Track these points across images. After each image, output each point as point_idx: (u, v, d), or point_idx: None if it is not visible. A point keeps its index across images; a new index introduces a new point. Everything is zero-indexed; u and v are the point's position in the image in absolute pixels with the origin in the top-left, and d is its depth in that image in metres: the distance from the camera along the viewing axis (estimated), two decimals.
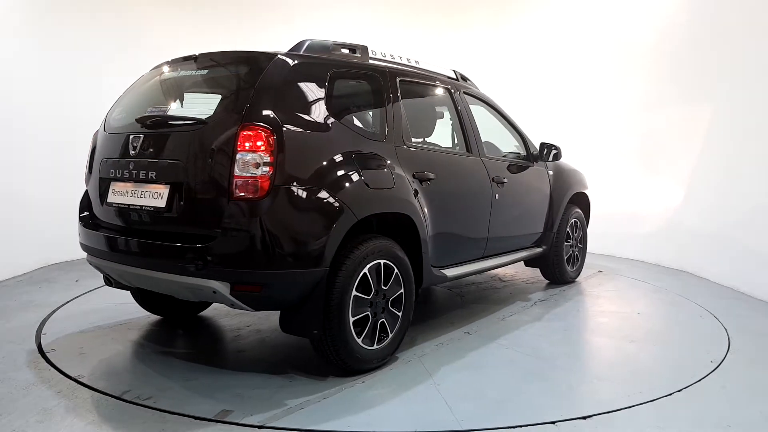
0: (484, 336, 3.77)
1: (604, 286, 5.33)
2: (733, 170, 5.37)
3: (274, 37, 6.99)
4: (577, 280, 5.45)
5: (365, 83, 3.46)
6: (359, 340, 3.00)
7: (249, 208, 2.64)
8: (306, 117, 2.92)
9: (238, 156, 2.64)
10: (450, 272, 3.73)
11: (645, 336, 3.89)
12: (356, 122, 3.34)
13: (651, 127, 6.51)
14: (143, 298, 3.90)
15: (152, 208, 2.90)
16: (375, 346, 3.10)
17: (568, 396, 2.91)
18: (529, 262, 5.10)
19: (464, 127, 4.04)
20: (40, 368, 3.13)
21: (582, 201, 5.49)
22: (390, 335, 3.19)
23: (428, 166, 3.52)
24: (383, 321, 3.15)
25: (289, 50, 3.17)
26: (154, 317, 4.09)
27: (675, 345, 3.76)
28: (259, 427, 2.49)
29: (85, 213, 3.41)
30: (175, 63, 3.36)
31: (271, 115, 2.74)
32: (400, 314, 3.25)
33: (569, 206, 5.16)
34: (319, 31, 7.51)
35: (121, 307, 4.27)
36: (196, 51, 3.25)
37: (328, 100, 3.06)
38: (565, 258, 5.15)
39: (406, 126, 3.52)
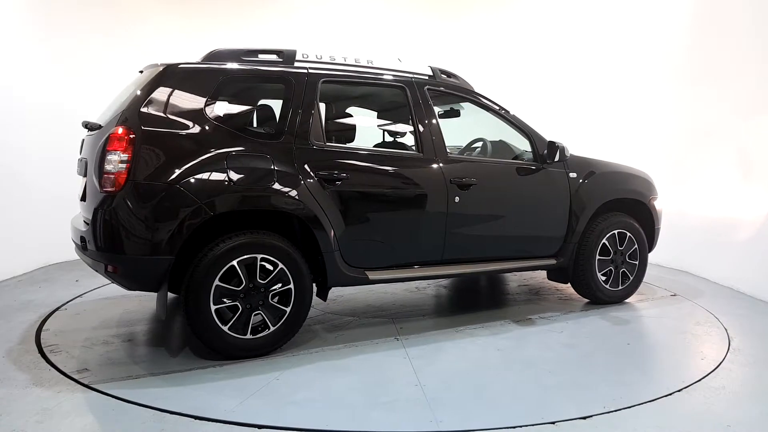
0: (406, 344, 3.59)
1: (649, 311, 4.43)
2: None
3: (275, 35, 7.04)
4: (627, 301, 4.64)
5: (271, 86, 3.71)
6: (225, 328, 3.18)
7: (108, 199, 3.07)
8: (177, 120, 3.20)
9: (107, 155, 3.07)
10: (375, 275, 3.63)
11: (567, 368, 3.25)
12: (246, 123, 3.59)
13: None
14: None
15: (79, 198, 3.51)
16: (248, 337, 3.24)
17: (371, 413, 2.68)
18: (552, 275, 4.61)
19: (417, 126, 3.90)
20: (40, 368, 3.14)
21: (638, 210, 4.70)
22: (271, 329, 3.30)
23: (339, 166, 3.51)
24: (261, 314, 3.26)
25: (201, 58, 3.50)
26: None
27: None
28: (259, 427, 2.49)
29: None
30: (137, 74, 3.70)
31: (136, 119, 3.12)
32: (287, 309, 3.32)
33: (607, 215, 4.49)
34: (318, 27, 7.58)
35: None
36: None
37: (212, 104, 3.32)
38: (599, 274, 4.44)
39: (318, 126, 3.53)
